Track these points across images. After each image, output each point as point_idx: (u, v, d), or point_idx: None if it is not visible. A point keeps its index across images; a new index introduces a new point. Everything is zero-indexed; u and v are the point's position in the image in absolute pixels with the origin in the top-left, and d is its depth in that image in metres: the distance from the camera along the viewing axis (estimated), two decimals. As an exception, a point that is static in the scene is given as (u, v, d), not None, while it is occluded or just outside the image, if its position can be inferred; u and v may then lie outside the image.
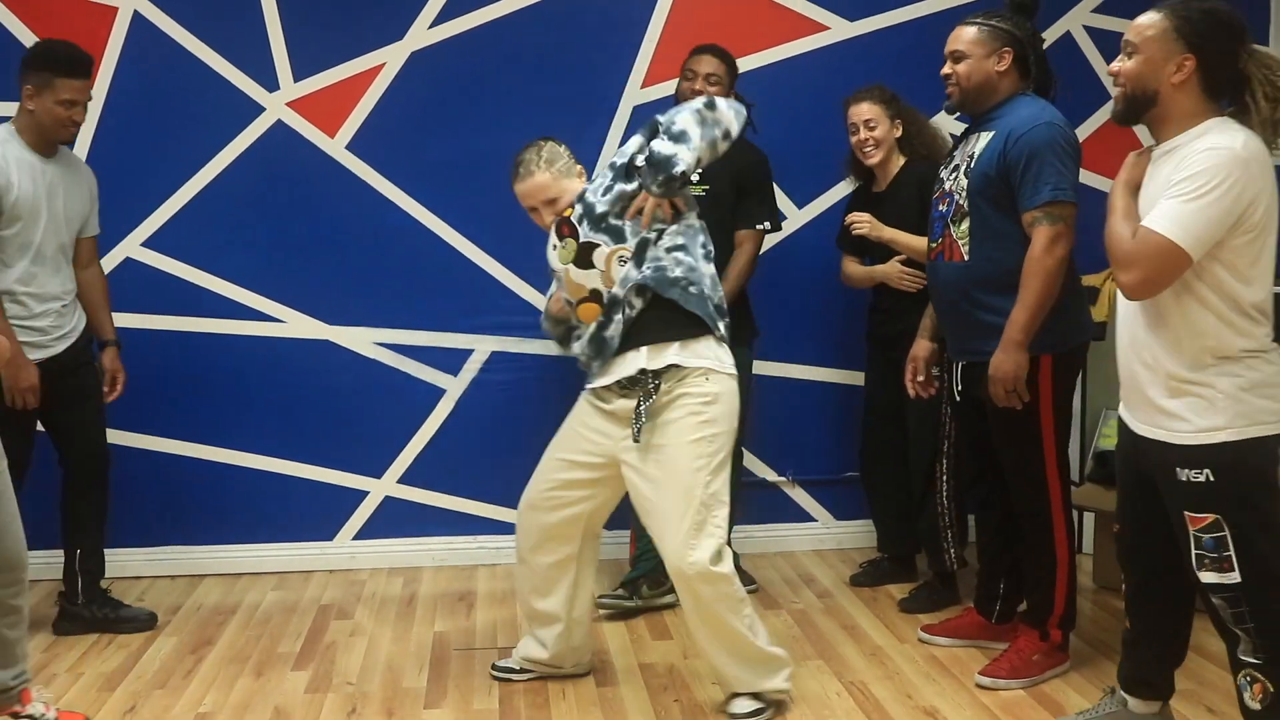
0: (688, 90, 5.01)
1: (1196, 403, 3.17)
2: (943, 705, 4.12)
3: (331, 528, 5.74)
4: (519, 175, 4.13)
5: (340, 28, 5.49)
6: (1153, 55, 3.19)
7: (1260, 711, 3.23)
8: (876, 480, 5.36)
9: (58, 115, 4.54)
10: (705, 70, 5.02)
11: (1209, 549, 3.20)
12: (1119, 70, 3.26)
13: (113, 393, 4.90)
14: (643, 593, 5.07)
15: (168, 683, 4.43)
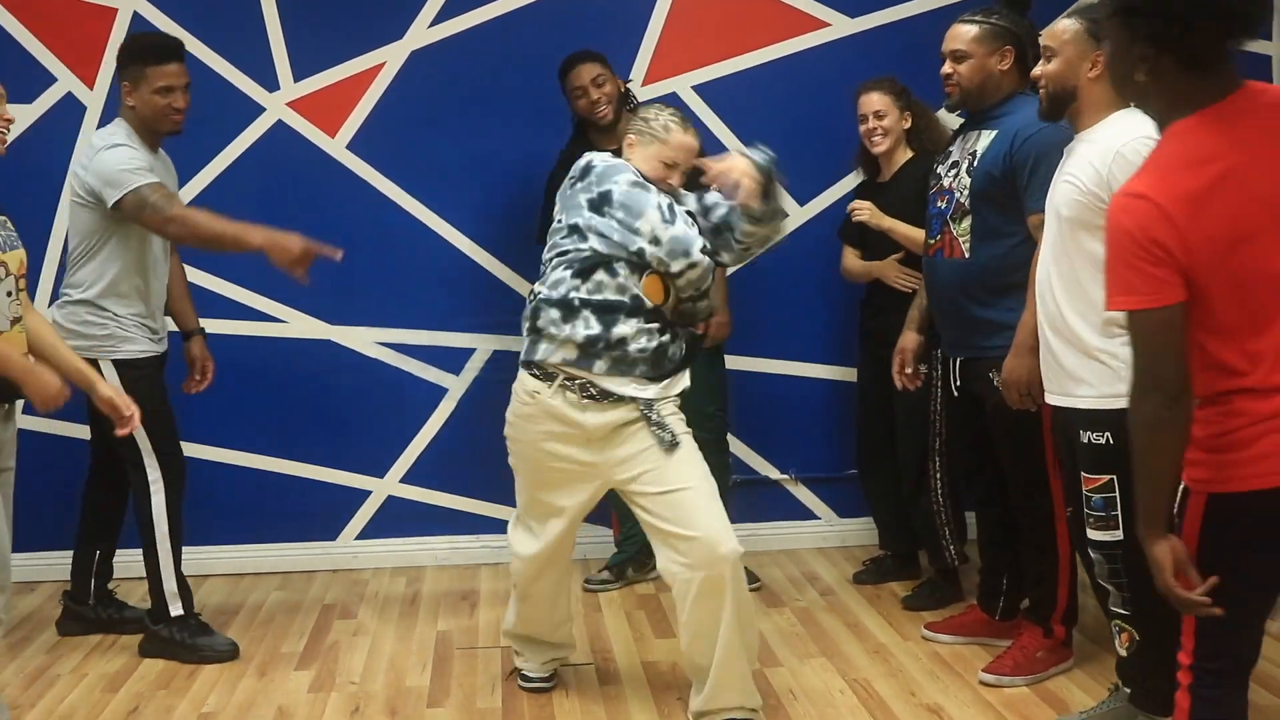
0: (587, 107, 5.08)
1: (1103, 370, 3.39)
2: (946, 703, 4.12)
3: (334, 527, 5.75)
4: (688, 127, 4.03)
5: (340, 27, 5.49)
6: (1070, 56, 3.54)
7: (1126, 657, 3.60)
8: (873, 477, 5.36)
9: (157, 105, 4.51)
10: (589, 79, 5.06)
11: (1098, 508, 3.52)
12: (1040, 74, 3.61)
13: (204, 381, 4.93)
14: (628, 575, 5.13)
15: (171, 683, 4.43)
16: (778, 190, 3.93)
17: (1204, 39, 2.43)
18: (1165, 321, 2.44)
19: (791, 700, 4.17)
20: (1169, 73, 2.47)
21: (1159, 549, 2.55)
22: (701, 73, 5.64)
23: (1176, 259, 2.41)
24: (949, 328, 4.33)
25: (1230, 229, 2.43)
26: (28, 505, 5.41)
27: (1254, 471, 2.50)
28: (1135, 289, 2.44)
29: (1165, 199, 2.41)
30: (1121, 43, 2.51)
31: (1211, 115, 2.47)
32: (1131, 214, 2.43)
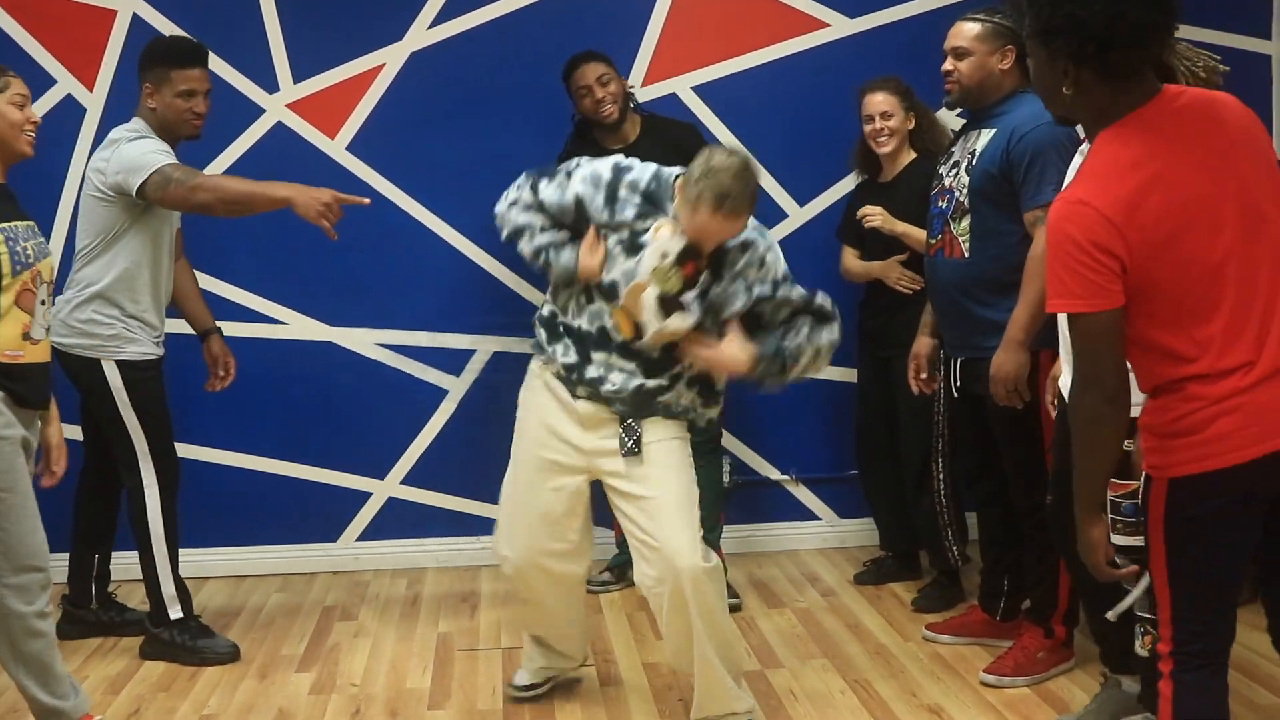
0: (591, 106, 5.04)
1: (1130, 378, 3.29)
2: (947, 703, 4.11)
3: (335, 529, 5.74)
4: (727, 210, 3.52)
5: (339, 29, 5.49)
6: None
7: (1147, 659, 3.50)
8: (874, 478, 5.36)
9: (179, 108, 4.52)
10: (594, 77, 5.02)
11: (1127, 514, 3.43)
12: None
13: (228, 378, 4.92)
14: (629, 576, 5.11)
15: (172, 685, 4.43)
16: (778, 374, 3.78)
17: (1121, 53, 2.55)
18: (1104, 325, 2.59)
19: (792, 701, 4.16)
20: (1092, 85, 2.60)
21: (1096, 532, 2.77)
22: (701, 73, 5.64)
23: (1119, 262, 2.55)
24: (950, 328, 4.34)
25: (1166, 226, 2.56)
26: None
27: (1210, 452, 2.61)
28: (1075, 293, 2.58)
29: (1104, 204, 2.54)
30: (1043, 60, 2.65)
31: (1135, 121, 2.61)
32: (1074, 220, 2.56)
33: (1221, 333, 2.60)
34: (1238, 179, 2.62)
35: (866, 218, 4.92)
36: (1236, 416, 2.59)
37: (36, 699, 3.68)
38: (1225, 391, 2.60)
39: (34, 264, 3.63)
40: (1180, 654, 2.76)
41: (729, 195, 3.50)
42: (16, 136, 3.66)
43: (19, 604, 3.60)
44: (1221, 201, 2.60)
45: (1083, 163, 2.70)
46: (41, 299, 3.66)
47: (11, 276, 3.55)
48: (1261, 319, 2.61)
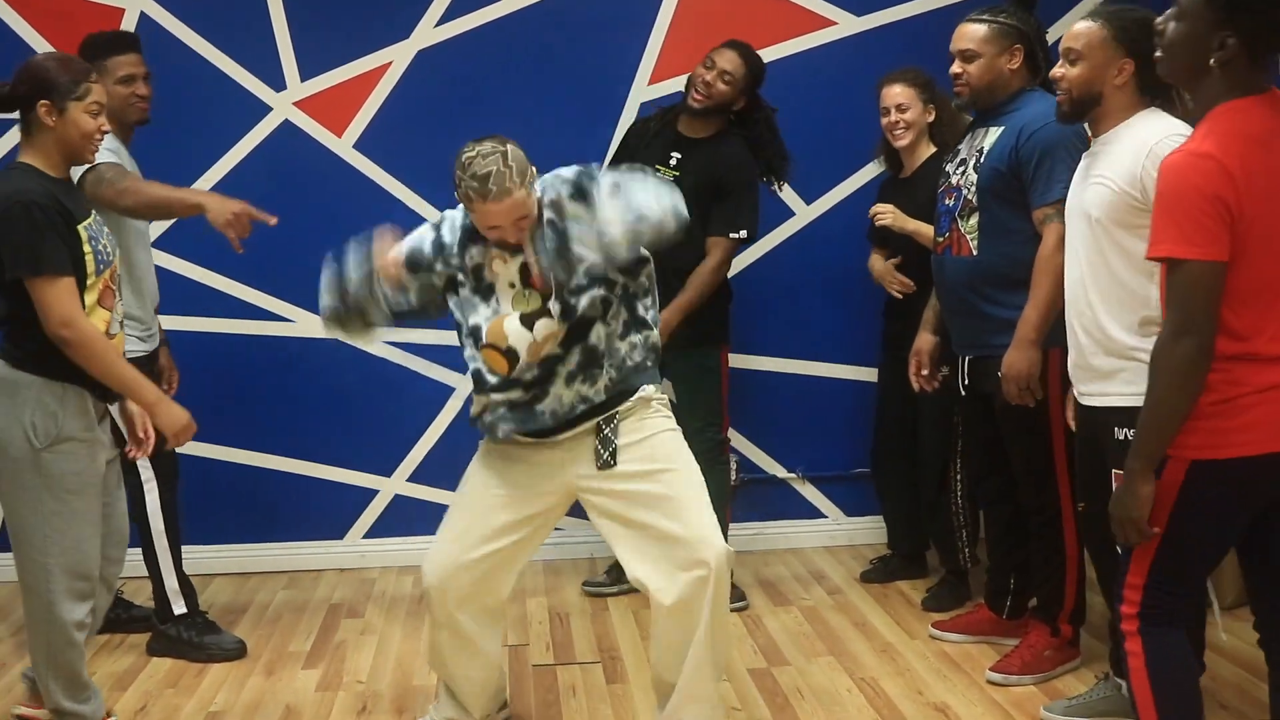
0: (698, 77, 4.91)
1: (1137, 367, 3.30)
2: (954, 701, 4.11)
3: (341, 526, 5.75)
4: (492, 193, 3.41)
5: (346, 27, 5.49)
6: (1096, 62, 3.50)
7: None
8: (888, 479, 5.36)
9: (121, 94, 4.51)
10: (722, 65, 4.89)
11: None
12: (1063, 75, 3.56)
13: (171, 391, 4.87)
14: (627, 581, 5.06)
15: (179, 682, 4.44)
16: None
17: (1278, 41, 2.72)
18: (1212, 275, 2.65)
19: (799, 699, 4.17)
20: (1239, 64, 2.71)
21: (1148, 489, 2.77)
22: (708, 71, 5.63)
23: (1234, 217, 2.63)
24: (957, 326, 4.33)
25: (1269, 203, 2.67)
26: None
27: (1242, 439, 2.71)
28: (1192, 240, 2.64)
29: (1229, 161, 2.63)
30: (1203, 29, 2.71)
31: (1259, 102, 2.74)
32: (1199, 171, 2.64)
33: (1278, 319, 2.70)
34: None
35: (877, 216, 4.91)
36: (1272, 407, 2.68)
37: (58, 702, 3.72)
38: (1268, 382, 2.69)
39: (111, 261, 3.66)
40: (1148, 612, 2.88)
41: (489, 178, 3.40)
42: (86, 147, 3.64)
43: (64, 610, 3.63)
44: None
45: (1200, 127, 2.76)
46: (118, 295, 3.71)
47: (95, 275, 3.58)
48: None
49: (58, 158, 3.61)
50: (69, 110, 3.54)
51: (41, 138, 3.58)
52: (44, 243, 3.45)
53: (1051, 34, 4.64)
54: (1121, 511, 2.82)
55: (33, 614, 3.67)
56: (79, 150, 3.63)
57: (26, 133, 3.60)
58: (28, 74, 3.57)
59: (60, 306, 3.47)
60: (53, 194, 3.53)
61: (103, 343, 3.53)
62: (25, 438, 3.52)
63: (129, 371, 3.58)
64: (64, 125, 3.55)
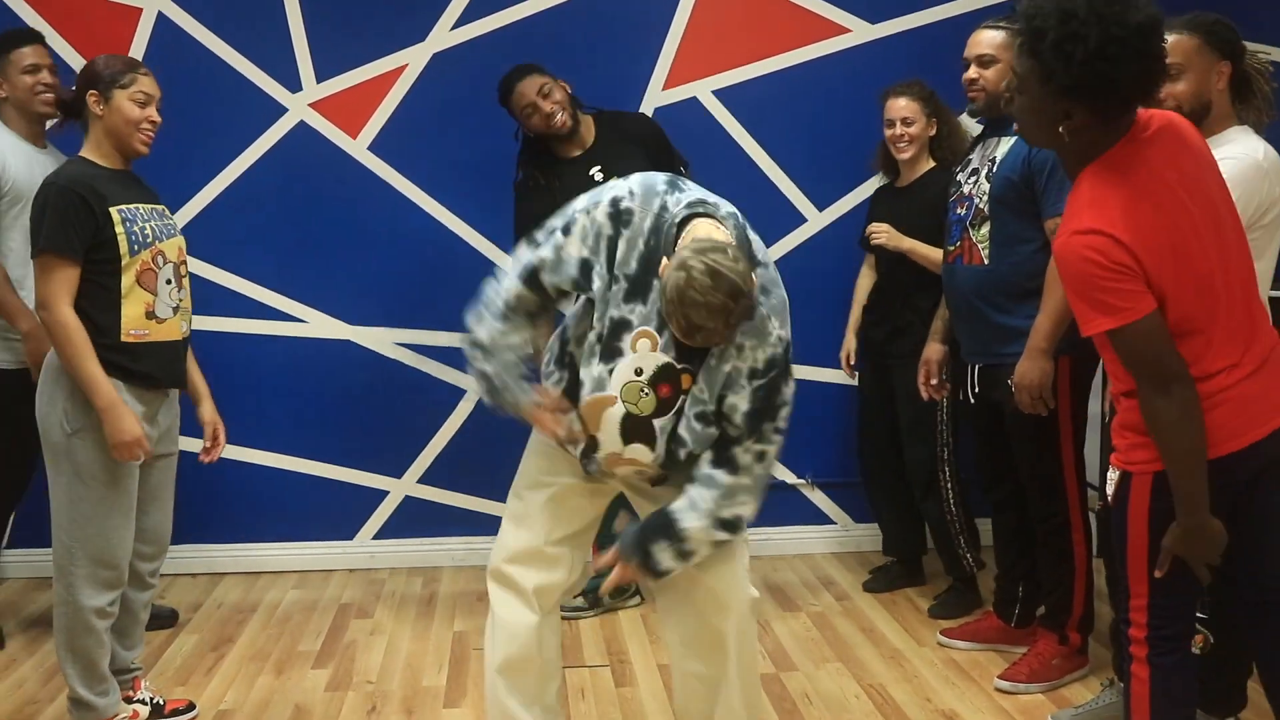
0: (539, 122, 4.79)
1: None
2: (961, 708, 4.12)
3: (351, 527, 5.77)
4: (699, 341, 2.91)
5: (362, 29, 5.51)
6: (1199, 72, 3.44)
7: (1199, 656, 3.44)
8: (877, 484, 5.37)
9: (26, 84, 4.62)
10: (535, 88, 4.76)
11: None
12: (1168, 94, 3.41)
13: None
14: (604, 602, 5.05)
15: (189, 680, 4.45)
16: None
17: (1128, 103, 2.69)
18: (1152, 325, 2.66)
19: (807, 705, 4.17)
20: (1089, 129, 2.69)
21: (1217, 524, 2.75)
22: (722, 77, 5.64)
23: (1139, 275, 2.64)
24: (968, 334, 4.33)
25: (1164, 243, 2.66)
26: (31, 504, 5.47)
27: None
28: (1116, 310, 2.65)
29: (1115, 229, 2.63)
30: (1045, 103, 2.69)
31: (1119, 153, 2.71)
32: (1092, 248, 2.63)
33: (1218, 336, 2.74)
34: (1206, 194, 2.76)
35: (873, 234, 4.94)
36: (1223, 410, 2.73)
37: (74, 688, 3.78)
38: (1213, 389, 2.72)
39: (153, 243, 3.70)
40: (1155, 639, 2.90)
41: (700, 330, 2.84)
42: (132, 134, 3.73)
43: (83, 595, 3.69)
44: (1200, 217, 2.73)
45: (1074, 197, 2.75)
46: (167, 278, 3.74)
47: (130, 256, 3.64)
48: (1241, 321, 2.77)
49: (109, 147, 3.74)
50: (114, 98, 3.68)
51: (94, 130, 3.73)
52: (48, 222, 3.56)
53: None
54: (1207, 555, 2.79)
55: (58, 597, 3.75)
56: (126, 138, 3.73)
57: (85, 128, 3.75)
58: (82, 73, 3.74)
59: (44, 287, 3.58)
60: (89, 178, 3.63)
61: (72, 334, 3.56)
62: (60, 423, 3.64)
63: (92, 370, 3.58)
64: (110, 113, 3.69)
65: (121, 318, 3.65)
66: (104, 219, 3.60)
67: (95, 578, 3.69)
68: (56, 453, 3.67)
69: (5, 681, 4.45)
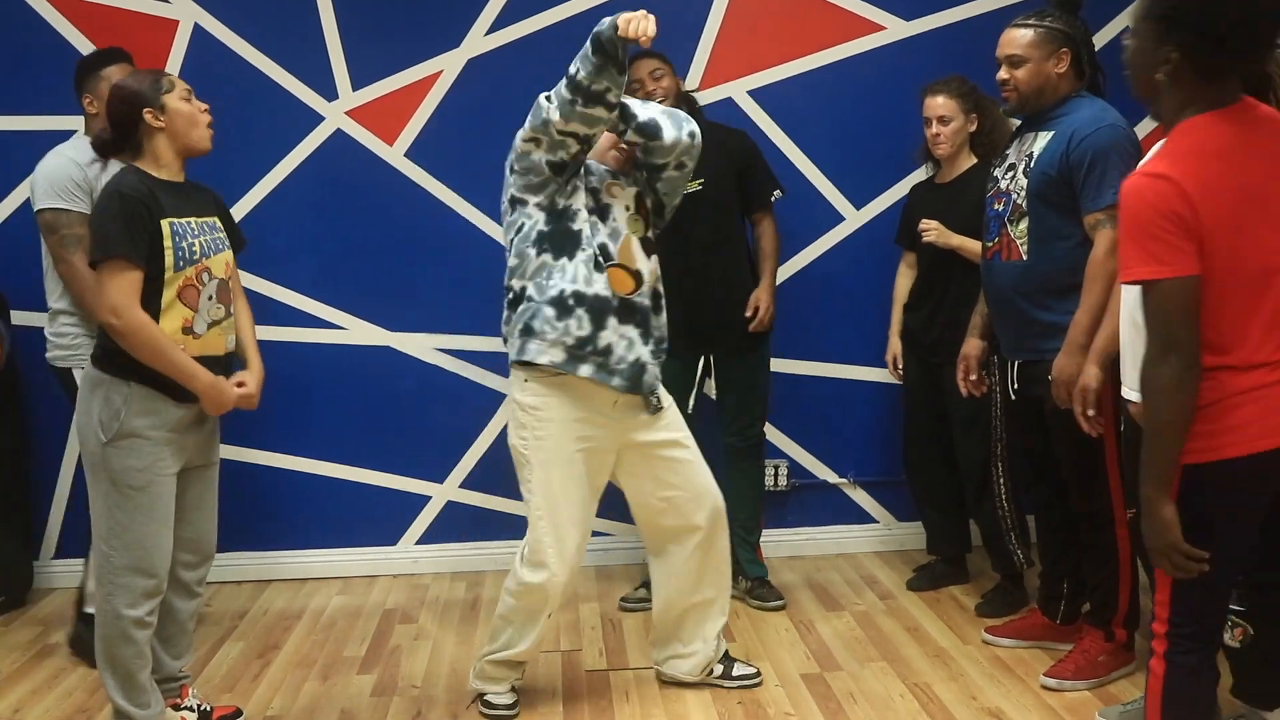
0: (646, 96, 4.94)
1: None
2: (1007, 707, 4.10)
3: (395, 533, 5.79)
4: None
5: (397, 36, 5.53)
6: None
7: (1238, 649, 3.56)
8: (923, 484, 5.35)
9: None
10: (648, 70, 4.95)
11: None
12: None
13: None
14: None
15: (235, 686, 4.48)
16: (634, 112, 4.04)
17: (1230, 56, 2.69)
18: (1185, 291, 2.66)
19: (851, 704, 4.16)
20: (1187, 78, 2.72)
21: (1169, 510, 2.74)
22: (757, 77, 5.64)
23: (1195, 234, 2.64)
24: (1007, 330, 4.32)
25: (1234, 216, 2.67)
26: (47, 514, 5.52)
27: (1231, 440, 2.72)
28: (1160, 259, 2.65)
29: (1184, 181, 2.64)
30: (1148, 43, 2.74)
31: (1218, 118, 2.72)
32: (1155, 192, 2.65)
33: (1259, 329, 2.72)
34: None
35: (923, 231, 4.91)
36: (1258, 406, 2.71)
37: (114, 700, 3.79)
38: (1252, 384, 2.71)
39: (200, 259, 3.72)
40: (1175, 635, 2.89)
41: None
42: (197, 129, 3.78)
43: (121, 604, 3.70)
44: (1275, 205, 2.72)
45: (1161, 145, 2.78)
46: (210, 294, 3.75)
47: (174, 271, 3.66)
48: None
49: (171, 155, 3.76)
50: (167, 105, 3.71)
51: (152, 144, 3.74)
52: (115, 229, 3.56)
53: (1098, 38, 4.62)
54: (1155, 541, 2.79)
55: (98, 606, 3.77)
56: (192, 138, 3.77)
57: (137, 149, 3.75)
58: (118, 99, 3.72)
59: (113, 293, 3.57)
60: (147, 187, 3.65)
61: (150, 332, 3.58)
62: (95, 432, 3.66)
63: (180, 359, 3.62)
64: (171, 119, 3.72)
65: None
66: (157, 231, 3.62)
67: (133, 587, 3.69)
68: (94, 462, 3.69)
69: (54, 691, 4.49)
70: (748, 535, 5.23)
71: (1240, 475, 2.73)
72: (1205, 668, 2.92)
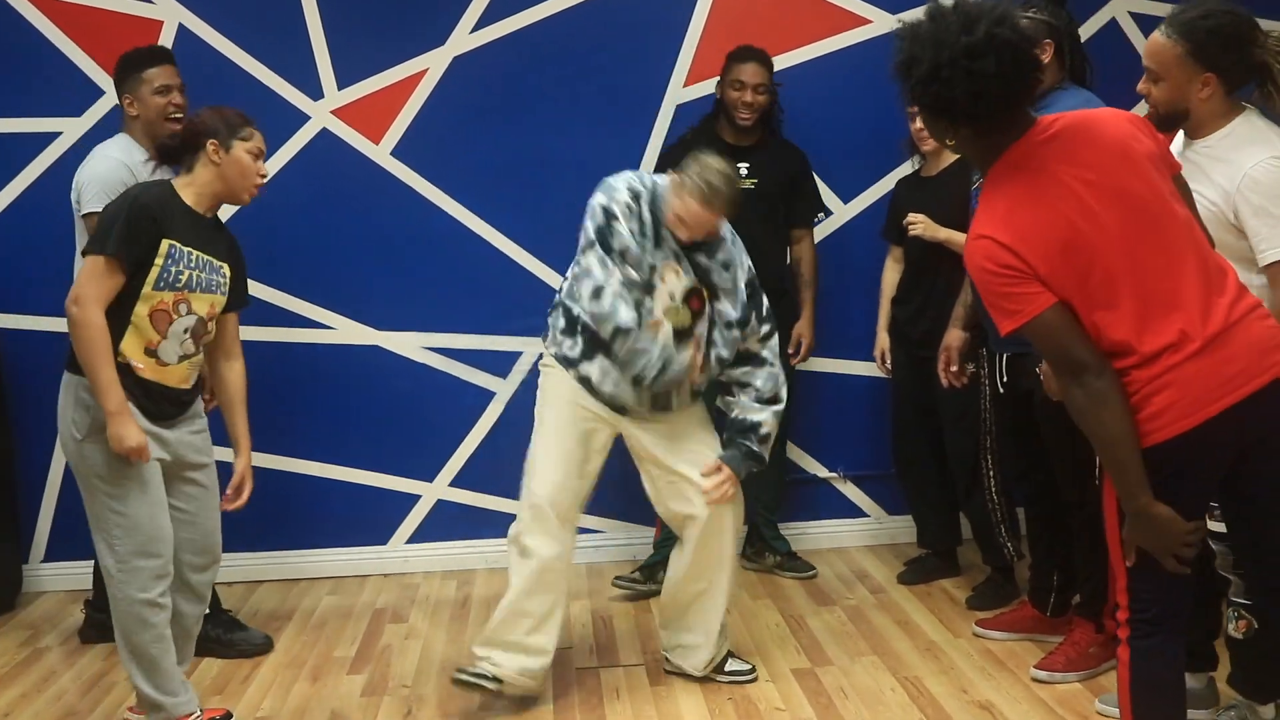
0: (736, 100, 5.15)
1: None
2: (998, 699, 4.10)
3: (385, 532, 5.78)
4: (713, 204, 3.99)
5: (382, 35, 5.52)
6: (1177, 81, 3.47)
7: (1241, 641, 3.60)
8: (913, 477, 5.35)
9: (157, 104, 4.58)
10: (754, 81, 5.14)
11: None
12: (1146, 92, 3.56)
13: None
14: (659, 578, 5.12)
15: (225, 688, 4.47)
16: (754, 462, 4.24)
17: (989, 118, 2.78)
18: (1053, 319, 2.76)
19: (842, 699, 4.16)
20: (971, 139, 2.85)
21: (1162, 510, 2.79)
22: (743, 72, 5.63)
23: (1032, 275, 2.75)
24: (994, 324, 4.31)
25: (1051, 244, 2.75)
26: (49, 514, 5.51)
27: (1153, 427, 2.77)
28: (1016, 310, 2.77)
29: (997, 233, 2.76)
30: (928, 121, 2.87)
31: (1012, 155, 2.82)
32: (980, 253, 2.79)
33: (1136, 322, 2.77)
34: (1113, 185, 2.79)
35: (910, 225, 4.91)
36: (1170, 391, 2.75)
37: (140, 689, 3.83)
38: (1159, 370, 2.76)
39: (182, 289, 3.73)
40: (1135, 621, 2.95)
41: (717, 192, 3.98)
42: (245, 185, 3.84)
43: (131, 588, 3.73)
44: (1100, 208, 2.77)
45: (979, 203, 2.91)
46: (185, 327, 3.76)
47: (151, 289, 3.67)
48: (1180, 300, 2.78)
49: (209, 194, 3.82)
50: (234, 149, 3.78)
51: (200, 174, 3.80)
52: (114, 230, 3.60)
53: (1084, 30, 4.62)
54: (1159, 542, 2.83)
55: (111, 598, 3.79)
56: (237, 189, 3.83)
57: (187, 171, 3.80)
58: (199, 121, 3.81)
59: (87, 286, 3.61)
60: (170, 205, 3.69)
61: (97, 336, 3.59)
62: (71, 432, 3.73)
63: (108, 375, 3.61)
64: (228, 163, 3.78)
65: (121, 341, 3.67)
66: (154, 246, 3.64)
67: (141, 569, 3.73)
68: (76, 462, 3.75)
69: (45, 693, 4.48)
70: (769, 514, 5.48)
71: (1165, 460, 2.77)
72: (1170, 650, 2.95)
